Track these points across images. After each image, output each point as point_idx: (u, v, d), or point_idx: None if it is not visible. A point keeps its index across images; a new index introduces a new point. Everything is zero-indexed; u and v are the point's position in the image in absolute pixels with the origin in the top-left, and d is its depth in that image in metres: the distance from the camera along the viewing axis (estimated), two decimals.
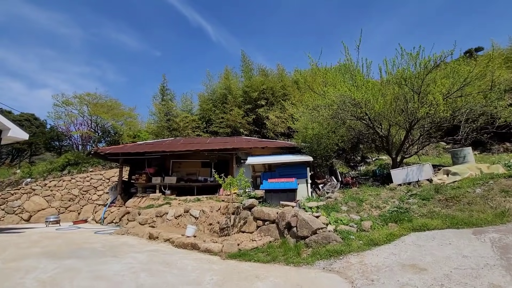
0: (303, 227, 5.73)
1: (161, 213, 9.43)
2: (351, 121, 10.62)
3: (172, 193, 12.30)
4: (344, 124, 10.46)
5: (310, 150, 9.59)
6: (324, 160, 9.71)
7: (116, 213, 11.10)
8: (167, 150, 11.80)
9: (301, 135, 9.76)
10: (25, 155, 29.84)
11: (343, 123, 10.36)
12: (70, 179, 18.66)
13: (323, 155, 9.60)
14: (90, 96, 22.30)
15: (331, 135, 9.49)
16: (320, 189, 9.04)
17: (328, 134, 9.42)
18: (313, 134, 9.32)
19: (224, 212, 7.88)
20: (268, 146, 12.01)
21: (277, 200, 7.95)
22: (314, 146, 9.46)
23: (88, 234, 8.72)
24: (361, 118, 10.14)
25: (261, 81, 19.31)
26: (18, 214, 16.27)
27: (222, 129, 18.01)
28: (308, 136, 9.42)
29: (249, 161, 9.01)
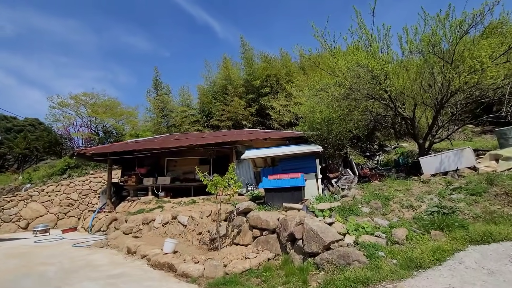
0: (312, 240, 4.20)
1: (147, 219, 8.13)
2: (367, 102, 8.88)
3: (167, 194, 11.02)
4: (358, 107, 8.74)
5: (319, 138, 7.95)
6: (337, 150, 8.07)
7: (104, 220, 9.93)
8: (157, 148, 10.47)
9: (307, 121, 8.16)
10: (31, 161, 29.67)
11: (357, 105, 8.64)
12: (68, 183, 17.79)
13: (335, 143, 7.94)
14: (86, 96, 21.37)
15: (344, 120, 7.80)
16: (333, 185, 7.44)
17: (340, 118, 7.73)
18: (322, 119, 7.66)
19: (216, 218, 6.44)
20: (271, 137, 10.45)
21: (280, 201, 6.43)
22: (324, 133, 7.81)
23: (64, 247, 7.54)
24: (380, 97, 8.39)
25: (263, 67, 17.65)
26: (15, 222, 15.52)
27: (223, 122, 16.57)
28: (316, 121, 7.80)
29: (246, 155, 7.51)
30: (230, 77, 17.65)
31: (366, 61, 6.35)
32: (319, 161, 7.51)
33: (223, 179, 5.59)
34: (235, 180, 5.76)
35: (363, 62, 6.35)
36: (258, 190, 10.79)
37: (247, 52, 17.89)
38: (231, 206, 7.07)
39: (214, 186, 5.52)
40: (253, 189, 10.52)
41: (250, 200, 9.82)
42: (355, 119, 8.31)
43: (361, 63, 6.44)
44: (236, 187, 5.70)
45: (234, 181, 5.73)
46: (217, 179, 5.50)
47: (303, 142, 9.85)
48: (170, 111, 18.15)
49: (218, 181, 5.48)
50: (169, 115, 17.78)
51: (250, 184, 10.80)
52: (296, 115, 16.60)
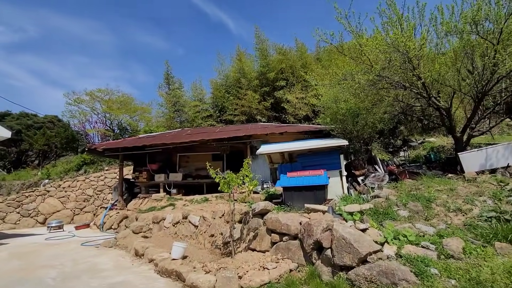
0: (343, 251, 3.49)
1: (158, 218, 7.68)
2: (396, 91, 7.95)
3: (179, 192, 10.58)
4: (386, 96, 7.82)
5: (343, 131, 7.13)
6: (364, 144, 7.23)
7: (115, 218, 9.63)
8: (169, 143, 10.02)
9: (330, 112, 7.35)
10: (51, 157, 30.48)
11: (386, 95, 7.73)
12: (84, 179, 17.91)
13: (361, 137, 7.10)
14: (101, 92, 21.42)
15: (371, 110, 6.93)
16: (359, 184, 6.64)
17: (367, 109, 6.86)
18: (347, 109, 6.83)
19: (230, 219, 5.84)
20: (288, 131, 9.73)
21: (301, 202, 5.74)
22: (349, 126, 6.98)
23: (72, 246, 7.23)
24: (411, 86, 7.46)
25: (279, 59, 16.84)
26: (33, 217, 15.76)
27: (236, 117, 15.97)
28: (340, 112, 6.97)
29: (261, 150, 6.85)
30: (243, 69, 16.98)
31: (403, 39, 5.46)
32: (343, 156, 6.72)
33: (237, 177, 4.97)
34: (250, 177, 5.12)
35: (399, 40, 5.47)
36: (275, 188, 10.13)
37: (261, 43, 17.14)
38: (246, 206, 6.45)
39: (227, 184, 4.91)
40: (269, 187, 9.88)
41: (265, 199, 9.18)
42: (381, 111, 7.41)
43: (395, 43, 5.56)
44: (251, 185, 5.06)
45: (249, 178, 5.09)
46: (230, 177, 4.88)
47: (323, 136, 9.07)
48: (182, 106, 17.75)
49: (232, 178, 4.86)
50: (182, 110, 17.39)
51: (266, 181, 10.15)
52: (313, 109, 15.74)
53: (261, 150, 6.82)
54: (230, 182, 4.87)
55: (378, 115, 7.03)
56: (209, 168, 5.31)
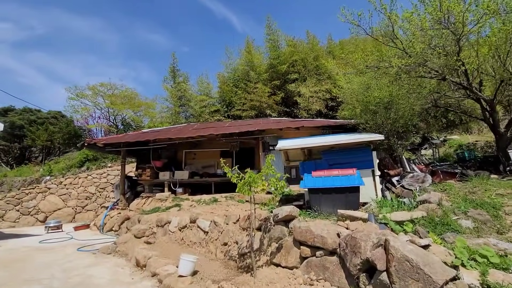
0: (408, 277, 2.61)
1: (162, 221, 6.87)
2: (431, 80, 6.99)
3: (185, 191, 9.77)
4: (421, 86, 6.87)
5: (374, 125, 6.19)
6: (398, 139, 6.28)
7: (116, 219, 8.87)
8: (174, 138, 9.21)
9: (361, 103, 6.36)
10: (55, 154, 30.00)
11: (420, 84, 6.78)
12: (86, 176, 17.27)
13: (395, 130, 6.14)
14: (104, 86, 20.71)
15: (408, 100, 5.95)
16: (394, 185, 5.74)
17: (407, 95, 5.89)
18: (382, 98, 5.88)
19: (246, 226, 4.99)
20: (305, 126, 8.83)
21: (329, 206, 4.87)
22: (381, 118, 6.04)
23: (67, 252, 6.47)
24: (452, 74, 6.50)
25: (290, 51, 15.91)
26: (33, 215, 15.15)
27: (245, 112, 15.09)
28: (372, 102, 6.03)
29: (280, 145, 5.96)
30: (253, 62, 16.07)
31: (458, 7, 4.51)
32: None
33: (259, 176, 4.10)
34: (277, 177, 4.25)
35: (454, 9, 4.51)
36: (289, 188, 9.28)
37: (272, 34, 16.18)
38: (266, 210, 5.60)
39: (247, 185, 4.04)
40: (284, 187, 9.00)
41: (280, 201, 8.33)
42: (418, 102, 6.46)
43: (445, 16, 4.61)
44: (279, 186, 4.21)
45: (276, 179, 4.23)
46: (252, 176, 4.01)
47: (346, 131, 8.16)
48: (188, 100, 16.92)
49: (254, 179, 3.99)
50: (187, 105, 16.58)
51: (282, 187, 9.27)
52: (326, 104, 14.78)
53: (280, 145, 5.94)
54: (252, 184, 4.00)
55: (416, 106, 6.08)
56: (223, 165, 4.44)
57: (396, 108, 5.83)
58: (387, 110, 5.91)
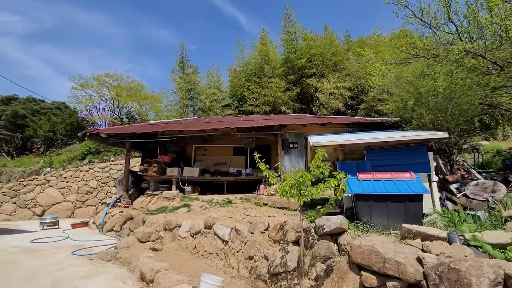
0: None
1: (171, 224, 5.94)
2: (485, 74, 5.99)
3: (194, 190, 8.86)
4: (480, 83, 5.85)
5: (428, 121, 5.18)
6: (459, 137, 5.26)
7: (117, 218, 7.98)
8: (185, 130, 8.29)
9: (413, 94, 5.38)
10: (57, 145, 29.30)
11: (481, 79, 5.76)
12: (88, 169, 16.46)
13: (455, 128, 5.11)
14: (109, 77, 19.88)
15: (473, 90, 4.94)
16: (454, 194, 4.75)
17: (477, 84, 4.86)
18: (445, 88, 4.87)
19: (278, 238, 4.03)
20: (332, 122, 7.87)
21: (383, 217, 3.92)
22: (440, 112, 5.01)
23: (60, 256, 5.57)
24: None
25: (307, 45, 14.93)
26: (30, 208, 14.36)
27: (258, 107, 14.14)
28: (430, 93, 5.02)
29: (317, 140, 5.00)
30: (268, 55, 15.12)
31: None
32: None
33: (308, 174, 3.14)
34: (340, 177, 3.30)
35: None
36: None
37: (290, 25, 15.20)
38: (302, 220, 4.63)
39: (295, 188, 3.08)
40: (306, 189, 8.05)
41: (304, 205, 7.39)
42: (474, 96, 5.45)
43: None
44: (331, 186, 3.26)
45: (337, 181, 3.27)
46: (304, 176, 3.06)
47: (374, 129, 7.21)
48: (197, 93, 16.00)
49: (306, 177, 3.03)
50: (196, 98, 15.67)
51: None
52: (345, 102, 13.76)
53: (317, 140, 4.97)
54: (301, 185, 3.05)
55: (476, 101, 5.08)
56: (259, 163, 3.51)
57: (459, 101, 4.84)
58: (449, 101, 4.90)
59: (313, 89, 14.33)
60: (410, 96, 5.51)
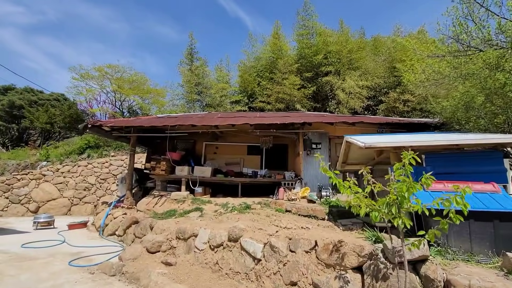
0: None
1: (185, 233, 5.11)
2: None
3: (205, 191, 8.03)
4: None
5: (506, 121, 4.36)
6: None
7: (121, 221, 7.12)
8: (199, 125, 7.45)
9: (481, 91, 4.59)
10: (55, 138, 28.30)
11: None
12: (86, 164, 15.58)
13: None
14: (111, 68, 18.94)
15: None
16: None
17: None
18: None
19: (332, 262, 3.20)
20: (364, 122, 7.07)
21: (464, 240, 3.12)
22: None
23: (54, 268, 4.71)
24: None
25: (324, 41, 14.12)
26: (24, 204, 13.50)
27: (270, 104, 13.31)
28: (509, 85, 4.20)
29: (367, 141, 4.17)
30: (281, 49, 14.29)
31: None
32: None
33: (406, 186, 2.30)
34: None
35: None
36: (337, 197, 7.53)
37: (307, 20, 14.35)
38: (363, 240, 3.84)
39: (393, 205, 2.25)
40: (329, 194, 7.29)
41: (330, 214, 6.59)
42: None
43: None
44: None
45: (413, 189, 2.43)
46: (407, 183, 2.22)
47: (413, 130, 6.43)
48: (205, 87, 15.12)
49: (411, 190, 2.20)
50: (205, 92, 14.80)
51: (325, 187, 7.55)
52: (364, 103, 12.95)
53: (369, 141, 4.14)
54: (404, 201, 2.22)
55: None
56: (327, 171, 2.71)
57: None
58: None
59: (329, 88, 13.54)
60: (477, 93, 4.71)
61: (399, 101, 11.50)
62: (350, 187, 2.56)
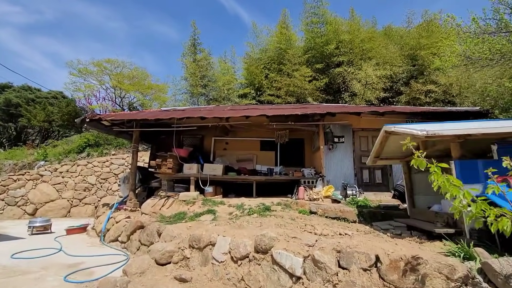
0: None
1: (200, 241, 4.35)
2: None
3: (216, 191, 7.27)
4: None
5: None
6: None
7: (124, 225, 6.37)
8: (209, 117, 6.67)
9: None
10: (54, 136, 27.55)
11: None
12: (86, 163, 14.83)
13: None
14: (110, 63, 18.14)
15: None
16: None
17: None
18: None
19: (408, 286, 2.44)
20: (396, 111, 6.28)
21: None
22: None
23: (48, 283, 3.97)
24: None
25: (335, 30, 13.29)
26: (20, 206, 12.78)
27: (279, 98, 12.51)
28: None
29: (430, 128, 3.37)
30: (290, 40, 13.47)
31: None
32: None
33: None
34: None
35: None
36: (364, 195, 6.78)
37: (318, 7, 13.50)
38: (441, 252, 3.07)
39: None
40: (355, 193, 6.53)
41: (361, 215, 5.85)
42: None
43: None
44: None
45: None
46: None
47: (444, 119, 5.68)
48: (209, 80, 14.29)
49: None
50: (210, 86, 13.98)
51: (350, 185, 6.79)
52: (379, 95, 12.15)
53: (432, 128, 3.35)
54: None
55: None
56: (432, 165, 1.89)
57: None
58: None
59: (341, 79, 12.73)
60: None
61: (421, 92, 10.71)
62: None
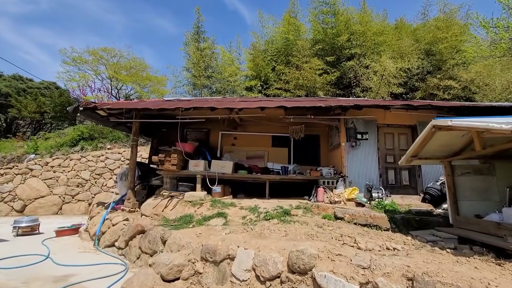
0: None
1: (215, 253, 3.62)
2: None
3: (224, 191, 6.52)
4: None
5: None
6: None
7: (122, 229, 5.60)
8: (220, 108, 5.89)
9: None
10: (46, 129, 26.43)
11: None
12: (79, 157, 13.96)
13: None
14: (106, 51, 17.14)
15: None
16: None
17: None
18: None
19: None
20: (432, 105, 5.57)
21: None
22: None
23: None
24: None
25: (347, 21, 12.56)
26: (8, 202, 11.92)
27: (288, 92, 11.76)
28: None
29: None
30: (299, 30, 12.69)
31: None
32: None
33: None
34: None
35: None
36: (391, 198, 6.12)
37: None
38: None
39: None
40: (381, 196, 5.87)
41: (391, 221, 5.21)
42: None
43: None
44: None
45: None
46: None
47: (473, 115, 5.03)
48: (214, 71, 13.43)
49: None
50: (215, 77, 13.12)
51: (375, 187, 6.12)
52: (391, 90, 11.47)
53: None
54: None
55: None
56: None
57: None
58: None
59: (353, 74, 12.03)
60: None
61: (438, 88, 10.06)
62: None
